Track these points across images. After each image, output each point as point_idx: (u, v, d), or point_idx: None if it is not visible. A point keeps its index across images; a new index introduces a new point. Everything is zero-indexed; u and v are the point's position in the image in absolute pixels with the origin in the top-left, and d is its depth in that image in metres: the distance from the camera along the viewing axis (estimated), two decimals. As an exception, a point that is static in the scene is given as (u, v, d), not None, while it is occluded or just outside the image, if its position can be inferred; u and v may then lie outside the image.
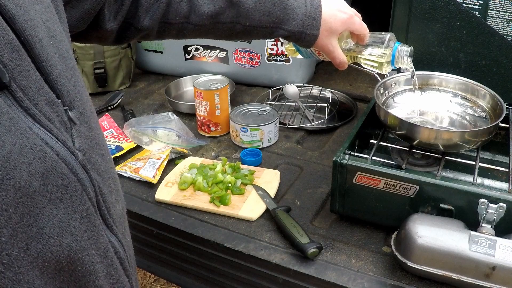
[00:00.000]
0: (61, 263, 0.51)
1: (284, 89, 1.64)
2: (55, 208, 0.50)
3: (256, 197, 1.20)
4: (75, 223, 0.53)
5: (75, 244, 0.52)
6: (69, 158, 0.52)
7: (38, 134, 0.49)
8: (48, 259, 0.49)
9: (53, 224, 0.50)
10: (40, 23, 0.54)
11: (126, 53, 1.79)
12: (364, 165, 1.01)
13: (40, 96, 0.50)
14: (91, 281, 0.56)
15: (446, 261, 0.89)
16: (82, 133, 0.56)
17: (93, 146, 0.59)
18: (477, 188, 0.95)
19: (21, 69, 0.48)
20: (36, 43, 0.51)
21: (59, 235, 0.50)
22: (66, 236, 0.51)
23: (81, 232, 0.54)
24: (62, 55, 0.57)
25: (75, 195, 0.53)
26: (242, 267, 1.07)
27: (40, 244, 0.48)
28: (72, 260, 0.52)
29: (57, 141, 0.51)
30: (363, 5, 2.15)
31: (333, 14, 0.95)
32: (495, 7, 1.20)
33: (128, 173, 1.30)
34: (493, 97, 1.14)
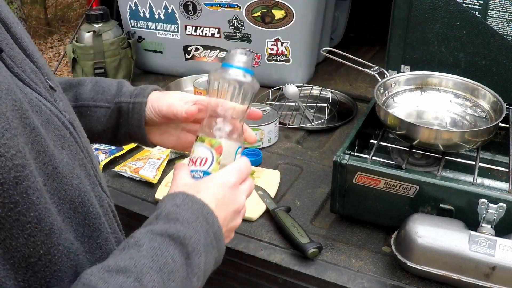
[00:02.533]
0: (74, 202, 0.56)
1: (284, 89, 1.64)
2: (61, 153, 0.56)
3: (256, 197, 1.19)
4: (78, 169, 0.59)
5: (82, 186, 0.58)
6: (59, 115, 0.59)
7: (31, 93, 0.55)
8: (62, 196, 0.55)
9: (63, 165, 0.55)
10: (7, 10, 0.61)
11: (126, 53, 1.79)
12: (364, 165, 1.01)
13: (25, 65, 0.57)
14: (101, 224, 0.61)
15: (446, 261, 0.89)
16: (62, 99, 0.63)
17: (72, 112, 0.65)
18: (477, 188, 0.95)
19: (7, 42, 0.55)
20: (11, 24, 0.59)
21: (70, 176, 0.56)
22: (75, 178, 0.57)
23: (83, 177, 0.59)
24: (28, 38, 0.64)
25: (71, 145, 0.59)
26: (242, 267, 1.07)
27: (55, 182, 0.53)
28: (83, 201, 0.58)
29: (46, 101, 0.58)
30: (363, 5, 2.16)
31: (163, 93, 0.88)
32: (495, 7, 1.20)
33: (128, 173, 1.30)
34: (493, 97, 1.14)
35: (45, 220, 0.50)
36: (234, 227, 0.74)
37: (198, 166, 0.76)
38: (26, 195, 0.48)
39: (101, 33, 1.71)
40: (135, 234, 0.60)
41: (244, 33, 1.70)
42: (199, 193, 0.68)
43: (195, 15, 1.73)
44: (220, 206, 0.69)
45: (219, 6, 1.68)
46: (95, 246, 0.60)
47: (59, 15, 5.81)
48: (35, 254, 0.50)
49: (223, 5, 1.67)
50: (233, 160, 0.78)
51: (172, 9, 1.75)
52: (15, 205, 0.47)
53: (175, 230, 0.60)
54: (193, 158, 0.77)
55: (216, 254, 0.67)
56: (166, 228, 0.61)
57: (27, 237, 0.49)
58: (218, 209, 0.68)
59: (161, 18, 1.79)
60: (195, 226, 0.63)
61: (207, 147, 0.77)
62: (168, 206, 0.65)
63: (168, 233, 0.60)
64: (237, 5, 1.65)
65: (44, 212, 0.50)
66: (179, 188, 0.69)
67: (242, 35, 1.71)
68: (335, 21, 2.00)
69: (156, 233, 0.60)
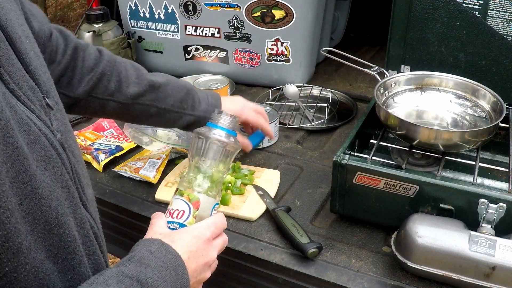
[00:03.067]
0: (49, 223, 0.56)
1: (284, 89, 1.64)
2: (43, 174, 0.56)
3: (256, 197, 1.20)
4: (58, 191, 0.59)
5: (60, 208, 0.58)
6: (49, 135, 0.59)
7: (23, 111, 0.56)
8: (38, 217, 0.55)
9: (43, 186, 0.56)
10: (17, 24, 0.62)
11: (126, 53, 1.79)
12: (364, 165, 1.01)
13: (23, 82, 0.58)
14: (76, 247, 0.61)
15: (446, 261, 0.89)
16: (58, 118, 0.64)
17: (67, 131, 0.66)
18: (477, 188, 0.95)
19: (7, 57, 0.56)
20: (16, 39, 0.59)
21: (49, 198, 0.56)
22: (54, 200, 0.57)
23: (63, 200, 0.60)
24: (36, 53, 0.65)
25: (56, 166, 0.59)
26: (242, 267, 1.07)
27: (32, 202, 0.54)
28: (59, 223, 0.58)
29: (39, 119, 0.58)
30: (363, 5, 2.16)
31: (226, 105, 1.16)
32: (495, 7, 1.20)
33: (128, 173, 1.30)
34: (493, 97, 1.14)
35: (13, 240, 0.51)
36: (203, 279, 0.77)
37: (175, 218, 0.81)
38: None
39: (101, 33, 1.71)
40: (105, 272, 0.61)
41: (244, 33, 1.70)
42: (174, 243, 0.71)
43: (195, 15, 1.73)
44: (192, 258, 0.72)
45: (219, 6, 1.68)
46: (68, 267, 0.61)
47: (59, 15, 5.81)
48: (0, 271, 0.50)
49: (223, 5, 1.67)
50: (209, 215, 0.83)
51: (172, 9, 1.75)
52: None
53: (145, 276, 0.62)
54: (170, 210, 0.82)
55: None
56: (136, 272, 0.62)
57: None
58: (190, 261, 0.72)
59: (161, 18, 1.79)
60: (164, 275, 0.65)
61: (185, 200, 0.82)
62: (142, 250, 0.67)
63: (138, 278, 0.61)
64: (237, 5, 1.65)
65: (13, 232, 0.50)
66: (156, 236, 0.73)
67: (242, 35, 1.71)
68: (335, 21, 2.00)
69: (126, 275, 0.61)
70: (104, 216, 0.78)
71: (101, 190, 1.27)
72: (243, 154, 1.33)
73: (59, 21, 5.67)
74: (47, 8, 5.65)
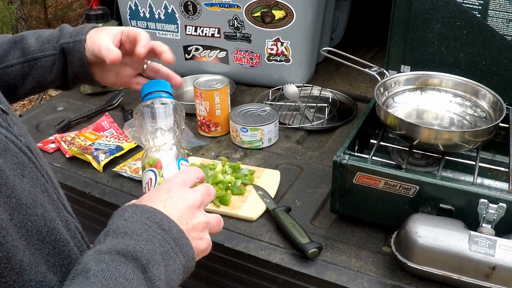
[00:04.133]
0: (41, 232, 0.54)
1: (284, 89, 1.64)
2: (22, 182, 0.54)
3: (256, 197, 1.20)
4: (40, 196, 0.56)
5: (47, 214, 0.56)
6: (16, 141, 0.57)
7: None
8: (29, 228, 0.52)
9: (26, 196, 0.53)
10: None
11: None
12: (364, 165, 1.01)
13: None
14: (70, 250, 0.58)
15: (446, 261, 0.89)
16: (16, 123, 0.61)
17: (26, 134, 0.63)
18: (477, 188, 0.95)
19: None
20: None
21: (33, 206, 0.53)
22: (38, 207, 0.54)
23: (47, 204, 0.57)
24: None
25: (32, 171, 0.57)
26: (242, 267, 1.07)
27: (21, 215, 0.51)
28: (49, 230, 0.55)
29: (1, 127, 0.56)
30: (363, 5, 2.16)
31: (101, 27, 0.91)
32: (495, 7, 1.20)
33: (128, 173, 1.30)
34: (493, 97, 1.14)
35: (14, 258, 0.48)
36: (200, 225, 0.67)
37: (148, 190, 0.77)
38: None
39: (101, 33, 1.71)
40: (82, 259, 0.55)
41: (244, 33, 1.70)
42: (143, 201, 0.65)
43: (195, 15, 1.73)
44: (169, 206, 0.64)
45: (219, 6, 1.68)
46: (66, 274, 0.56)
47: (59, 15, 5.81)
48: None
49: (223, 5, 1.67)
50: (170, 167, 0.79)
51: (172, 9, 1.75)
52: None
53: (124, 245, 0.56)
54: (143, 189, 0.79)
55: (184, 260, 0.62)
56: (113, 245, 0.56)
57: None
58: (168, 209, 0.63)
59: (161, 18, 1.79)
60: (147, 236, 0.58)
61: (149, 168, 0.79)
62: (116, 222, 0.60)
63: (117, 250, 0.55)
64: (237, 5, 1.65)
65: (13, 250, 0.48)
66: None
67: (242, 35, 1.71)
68: (335, 21, 2.00)
69: (103, 252, 0.55)
70: (104, 216, 0.78)
71: (101, 190, 1.27)
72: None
73: (59, 21, 5.67)
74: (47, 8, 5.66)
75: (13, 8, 4.73)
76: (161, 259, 0.58)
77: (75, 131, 1.53)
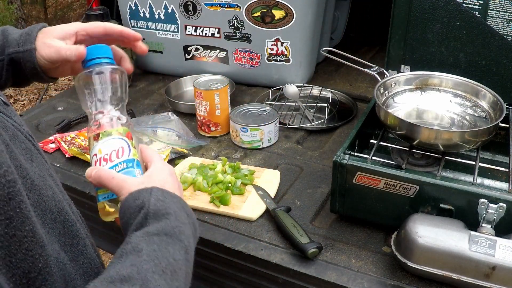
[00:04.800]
0: (53, 212, 0.57)
1: (284, 89, 1.64)
2: (31, 166, 0.57)
3: (256, 197, 1.20)
4: (48, 179, 0.60)
5: (55, 196, 0.59)
6: (20, 128, 0.59)
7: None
8: (43, 208, 0.55)
9: (37, 177, 0.56)
10: None
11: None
12: (364, 165, 1.01)
13: None
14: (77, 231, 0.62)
15: (446, 261, 0.89)
16: (14, 114, 0.64)
17: (25, 124, 0.65)
18: (477, 188, 0.95)
19: None
20: None
21: (44, 187, 0.57)
22: (48, 189, 0.58)
23: (54, 187, 0.61)
24: None
25: (37, 157, 0.60)
26: (242, 267, 1.07)
27: (35, 195, 0.54)
28: (59, 210, 0.59)
29: (6, 116, 0.59)
30: (363, 5, 2.16)
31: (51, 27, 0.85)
32: (495, 7, 1.20)
33: (128, 173, 1.30)
34: (493, 97, 1.14)
35: (38, 233, 0.51)
36: None
37: (118, 159, 0.73)
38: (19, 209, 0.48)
39: (101, 33, 1.71)
40: (130, 240, 0.59)
41: (244, 33, 1.70)
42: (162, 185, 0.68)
43: (195, 15, 1.73)
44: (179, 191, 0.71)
45: (219, 6, 1.68)
46: (77, 253, 0.60)
47: (59, 15, 5.81)
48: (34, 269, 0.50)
49: (223, 5, 1.67)
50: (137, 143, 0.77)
51: (172, 9, 1.75)
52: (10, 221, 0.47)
53: (171, 227, 0.60)
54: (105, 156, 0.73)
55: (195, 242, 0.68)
56: (161, 227, 0.60)
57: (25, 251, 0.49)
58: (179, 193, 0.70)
59: (161, 18, 1.79)
60: (182, 219, 0.63)
61: (118, 136, 0.74)
62: (152, 202, 0.63)
63: (165, 232, 0.60)
64: (237, 5, 1.65)
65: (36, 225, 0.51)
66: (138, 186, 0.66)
67: (242, 35, 1.71)
68: (335, 21, 2.00)
69: (152, 234, 0.59)
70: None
71: (101, 190, 1.27)
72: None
73: (59, 21, 5.67)
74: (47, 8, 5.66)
75: (13, 8, 4.73)
76: (193, 242, 0.64)
77: (75, 131, 1.53)
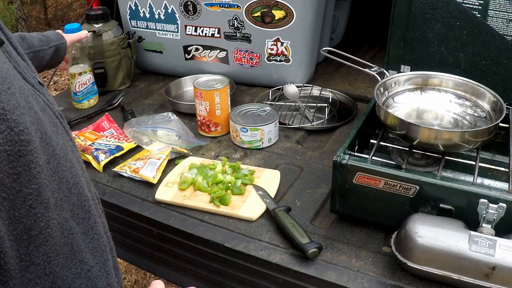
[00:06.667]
0: (69, 183, 0.60)
1: (284, 89, 1.64)
2: (56, 137, 0.60)
3: (256, 197, 1.20)
4: (70, 153, 0.63)
5: (74, 169, 0.62)
6: (51, 106, 0.63)
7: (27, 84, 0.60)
8: (61, 176, 0.58)
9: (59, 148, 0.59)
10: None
11: (126, 53, 1.79)
12: (364, 165, 1.01)
13: (20, 61, 0.61)
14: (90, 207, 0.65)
15: (446, 261, 0.89)
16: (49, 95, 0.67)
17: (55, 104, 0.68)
18: (477, 188, 0.95)
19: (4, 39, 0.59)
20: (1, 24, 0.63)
21: (64, 158, 0.60)
22: (68, 161, 0.61)
23: (74, 161, 0.64)
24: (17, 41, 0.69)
25: (62, 133, 0.63)
26: (242, 267, 1.07)
27: (55, 162, 0.57)
28: (75, 183, 0.62)
29: (39, 93, 0.62)
30: (363, 5, 2.16)
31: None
32: (495, 7, 1.20)
33: (128, 173, 1.30)
34: (493, 97, 1.14)
35: (44, 194, 0.53)
36: None
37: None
38: (28, 168, 0.51)
39: (101, 33, 1.71)
40: None
41: (244, 33, 1.70)
42: None
43: (195, 15, 1.73)
44: None
45: (219, 6, 1.68)
46: (88, 227, 0.63)
47: (59, 15, 5.80)
48: (36, 227, 0.52)
49: (223, 5, 1.67)
50: None
51: (172, 9, 1.75)
52: (18, 176, 0.50)
53: None
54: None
55: None
56: None
57: (28, 208, 0.51)
58: None
59: (161, 18, 1.79)
60: None
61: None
62: None
63: None
64: (237, 5, 1.65)
65: (44, 187, 0.53)
66: None
67: (242, 35, 1.71)
68: (335, 21, 2.00)
69: None
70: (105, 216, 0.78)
71: (101, 190, 1.27)
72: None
73: (59, 21, 5.66)
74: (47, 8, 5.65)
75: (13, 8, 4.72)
76: None
77: (75, 131, 1.53)
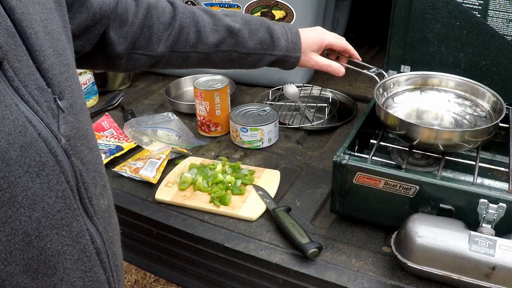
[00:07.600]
0: (29, 235, 0.53)
1: (284, 89, 1.64)
2: (31, 181, 0.53)
3: (256, 197, 1.20)
4: (49, 200, 0.55)
5: (45, 220, 0.55)
6: (50, 139, 0.55)
7: (22, 112, 0.53)
8: (16, 227, 0.52)
9: (26, 195, 0.52)
10: (38, 20, 0.58)
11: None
12: (364, 165, 1.01)
13: (31, 81, 0.55)
14: (60, 262, 0.57)
15: (446, 261, 0.89)
16: (69, 122, 0.60)
17: (80, 137, 0.61)
18: (477, 188, 0.95)
19: (15, 53, 0.53)
20: (31, 34, 0.56)
21: (30, 207, 0.53)
22: (37, 210, 0.54)
23: (54, 211, 0.56)
24: (57, 51, 0.60)
25: (52, 174, 0.55)
26: (242, 267, 1.07)
27: (10, 211, 0.51)
28: (41, 236, 0.54)
29: (41, 122, 0.55)
30: (363, 6, 2.16)
31: (306, 35, 1.12)
32: (495, 7, 1.20)
33: (128, 173, 1.30)
34: (493, 97, 1.14)
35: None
36: None
37: None
38: None
39: (101, 33, 1.71)
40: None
41: (244, 33, 1.69)
42: None
43: (195, 15, 1.73)
44: None
45: (219, 6, 1.68)
46: (48, 283, 0.56)
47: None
48: None
49: (223, 5, 1.67)
50: None
51: (172, 9, 1.75)
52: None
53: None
54: None
55: None
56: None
57: None
58: None
59: (161, 18, 1.79)
60: None
61: None
62: None
63: None
64: (237, 5, 1.65)
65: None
66: None
67: (242, 35, 1.70)
68: (335, 21, 2.00)
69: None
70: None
71: (101, 190, 1.27)
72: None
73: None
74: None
75: (13, 8, 4.72)
76: None
77: (75, 131, 1.53)
